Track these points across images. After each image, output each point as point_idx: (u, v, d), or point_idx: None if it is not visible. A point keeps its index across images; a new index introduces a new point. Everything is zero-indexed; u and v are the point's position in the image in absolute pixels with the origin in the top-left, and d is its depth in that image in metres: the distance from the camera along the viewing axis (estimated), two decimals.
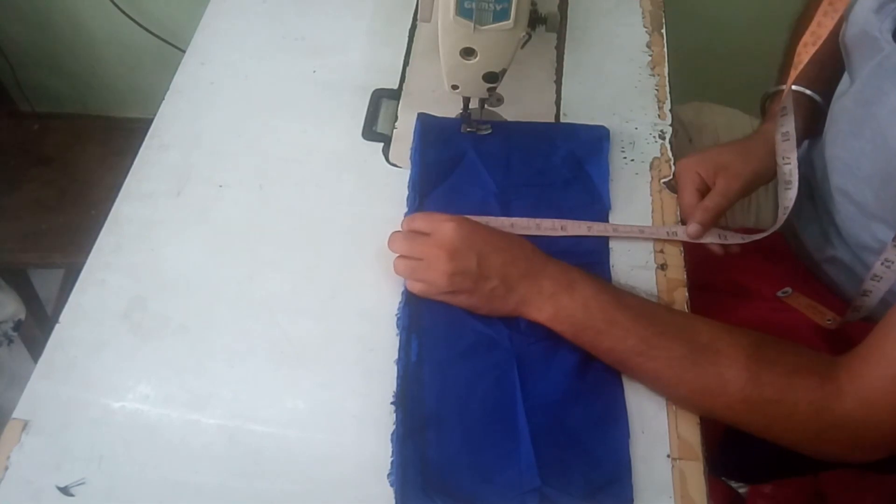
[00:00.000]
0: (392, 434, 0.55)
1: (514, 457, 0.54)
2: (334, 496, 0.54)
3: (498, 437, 0.55)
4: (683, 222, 0.69)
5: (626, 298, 0.59)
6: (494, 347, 0.59)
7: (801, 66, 0.65)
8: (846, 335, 0.67)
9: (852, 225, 0.66)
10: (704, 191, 0.69)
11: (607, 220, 0.68)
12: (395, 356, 0.60)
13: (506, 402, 0.57)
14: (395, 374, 0.58)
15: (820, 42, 0.63)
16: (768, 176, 0.70)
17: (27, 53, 1.48)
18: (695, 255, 0.68)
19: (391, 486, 0.53)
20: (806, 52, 0.64)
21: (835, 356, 0.54)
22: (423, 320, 0.61)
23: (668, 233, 0.67)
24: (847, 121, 0.64)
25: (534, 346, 0.59)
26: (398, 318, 0.61)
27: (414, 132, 0.74)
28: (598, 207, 0.69)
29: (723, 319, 0.66)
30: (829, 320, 0.68)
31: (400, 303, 0.62)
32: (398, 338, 0.60)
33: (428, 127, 0.74)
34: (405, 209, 0.68)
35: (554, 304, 0.58)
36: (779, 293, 0.71)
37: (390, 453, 0.55)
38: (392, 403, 0.57)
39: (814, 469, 0.66)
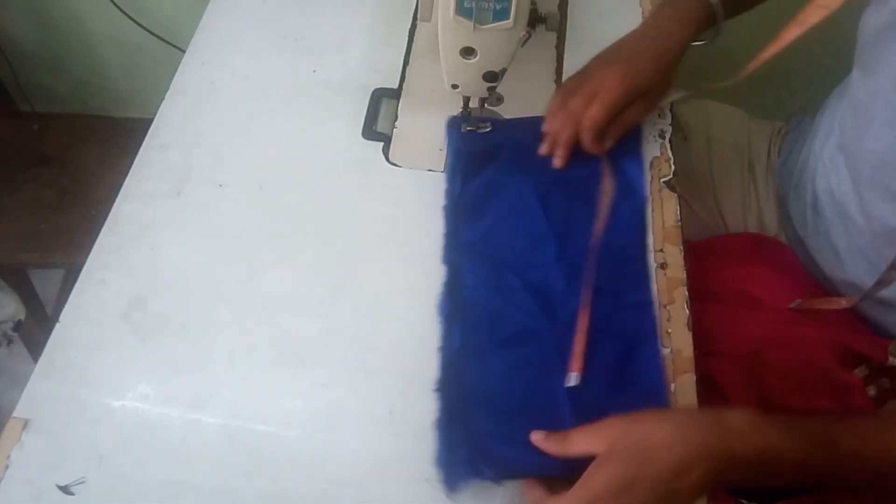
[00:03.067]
0: (436, 420, 0.56)
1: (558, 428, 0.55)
2: (334, 496, 0.54)
3: (542, 417, 0.56)
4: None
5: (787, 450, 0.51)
6: (537, 339, 0.60)
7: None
8: (850, 348, 0.66)
9: (883, 222, 0.64)
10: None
11: (644, 212, 0.68)
12: (396, 356, 0.60)
13: (548, 391, 0.57)
14: (438, 363, 0.59)
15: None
16: (648, 86, 0.68)
17: (27, 53, 1.48)
18: (703, 264, 0.67)
19: (438, 469, 0.54)
20: (789, 34, 0.63)
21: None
22: (467, 309, 0.61)
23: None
24: (883, 108, 0.61)
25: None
26: (440, 307, 0.62)
27: (446, 132, 0.74)
28: (634, 203, 0.69)
29: (732, 332, 0.66)
30: (844, 303, 0.66)
31: (441, 292, 0.63)
32: (440, 326, 0.61)
33: (457, 126, 0.74)
34: (442, 202, 0.69)
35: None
36: (791, 306, 0.70)
37: (434, 440, 0.55)
38: (435, 390, 0.58)
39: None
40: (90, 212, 1.09)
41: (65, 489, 0.53)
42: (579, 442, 0.51)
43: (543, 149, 0.70)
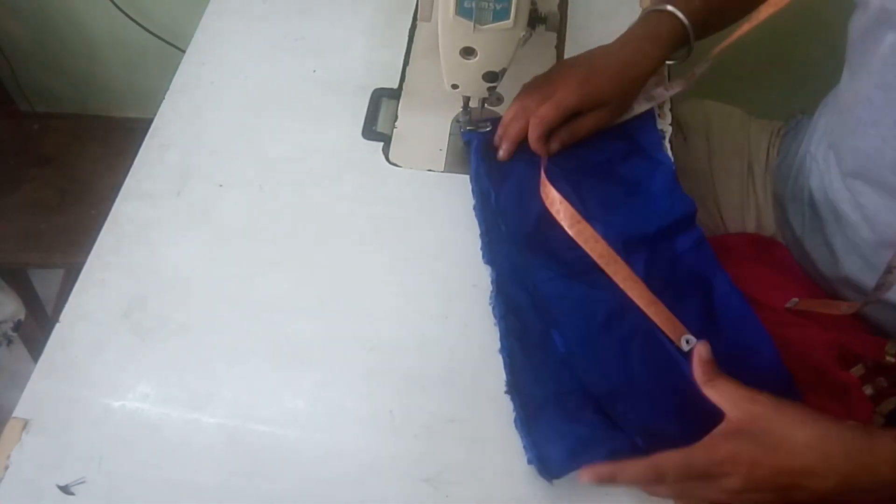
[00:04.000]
0: (514, 420, 0.57)
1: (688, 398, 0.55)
2: (334, 496, 0.54)
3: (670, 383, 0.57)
4: None
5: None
6: (626, 310, 0.61)
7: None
8: (847, 347, 0.66)
9: (874, 219, 0.65)
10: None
11: (674, 177, 0.70)
12: (396, 356, 0.60)
13: (664, 354, 0.59)
14: (502, 365, 0.59)
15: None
16: (605, 99, 0.69)
17: (27, 53, 1.48)
18: None
19: (534, 464, 0.54)
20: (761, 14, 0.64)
21: None
22: (550, 303, 0.61)
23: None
24: (866, 108, 0.62)
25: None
26: (493, 307, 0.62)
27: (464, 135, 0.74)
28: (661, 170, 0.70)
29: None
30: (844, 309, 0.66)
31: (491, 292, 0.63)
32: (496, 326, 0.61)
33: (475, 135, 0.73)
34: (472, 202, 0.69)
35: None
36: (788, 305, 0.70)
37: (519, 438, 0.56)
38: (506, 392, 0.58)
39: None
40: (90, 212, 1.09)
41: (65, 489, 0.53)
42: (728, 391, 0.52)
43: (495, 139, 0.71)
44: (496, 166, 0.70)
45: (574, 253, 0.64)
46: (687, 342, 0.60)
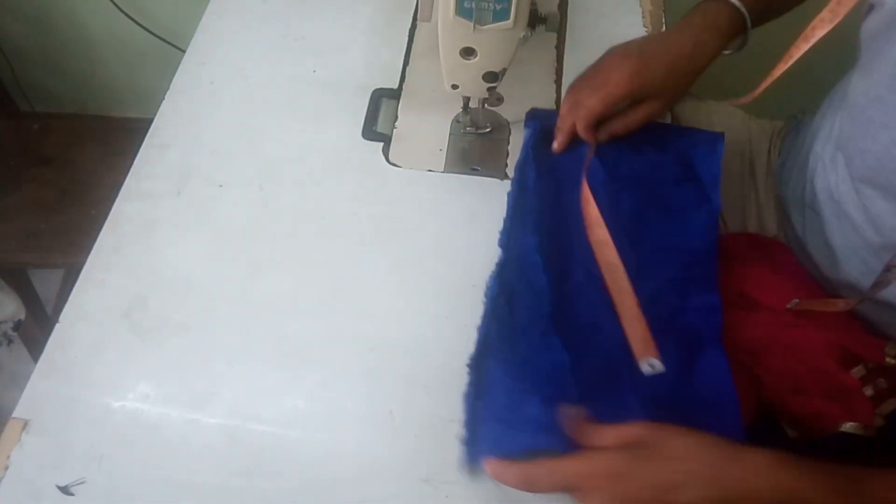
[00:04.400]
0: (465, 395, 0.56)
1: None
2: (334, 496, 0.54)
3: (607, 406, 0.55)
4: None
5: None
6: (598, 332, 0.60)
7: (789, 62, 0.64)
8: (848, 349, 0.66)
9: (881, 221, 0.64)
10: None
11: (717, 222, 0.68)
12: (396, 356, 0.60)
13: (614, 383, 0.58)
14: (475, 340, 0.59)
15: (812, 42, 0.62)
16: (658, 90, 0.68)
17: (27, 53, 1.48)
18: None
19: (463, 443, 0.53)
20: (797, 49, 0.63)
21: None
22: (531, 291, 0.61)
23: None
24: (878, 110, 0.61)
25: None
26: (488, 287, 0.62)
27: (526, 123, 0.74)
28: (706, 208, 0.69)
29: (729, 333, 0.66)
30: (842, 305, 0.66)
31: (492, 272, 0.63)
32: (485, 304, 0.61)
33: (538, 117, 0.74)
34: (508, 189, 0.69)
35: None
36: (788, 306, 0.70)
37: (462, 413, 0.55)
38: (467, 366, 0.57)
39: None
40: (90, 212, 1.09)
41: (65, 489, 0.53)
42: (606, 437, 0.50)
43: (555, 135, 0.71)
44: (546, 157, 0.70)
45: (589, 257, 0.64)
46: (650, 366, 0.58)
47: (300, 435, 0.56)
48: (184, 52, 0.82)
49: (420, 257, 0.66)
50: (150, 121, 0.76)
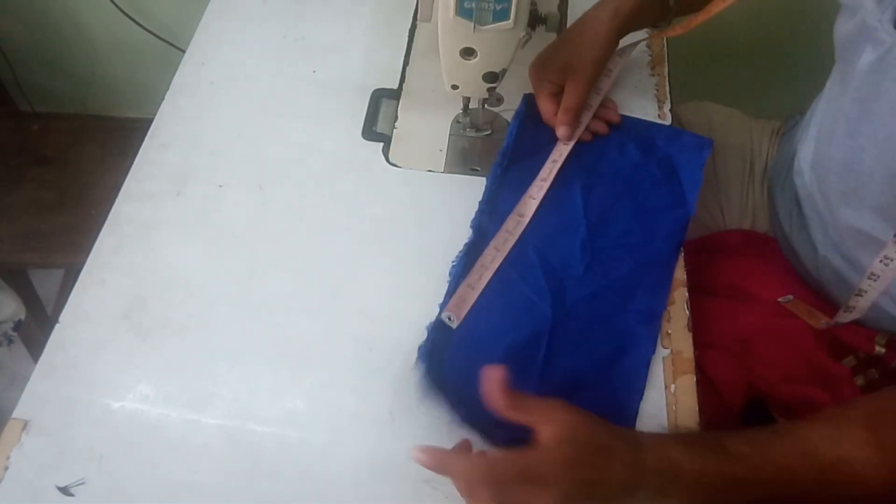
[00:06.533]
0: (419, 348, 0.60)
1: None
2: (334, 496, 0.54)
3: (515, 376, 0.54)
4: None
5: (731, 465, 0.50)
6: (534, 314, 0.62)
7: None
8: (839, 339, 0.67)
9: (849, 225, 0.66)
10: (559, 92, 0.71)
11: (685, 227, 0.68)
12: (396, 356, 0.60)
13: (529, 361, 0.59)
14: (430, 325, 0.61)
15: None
16: (608, 57, 0.73)
17: (27, 53, 1.48)
18: (696, 259, 0.67)
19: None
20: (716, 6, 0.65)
21: None
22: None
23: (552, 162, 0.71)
24: (843, 121, 0.63)
25: (572, 324, 0.61)
26: (453, 267, 0.65)
27: (520, 107, 0.75)
28: (680, 212, 0.69)
29: (724, 324, 0.66)
30: (823, 323, 0.67)
31: (460, 252, 0.65)
32: (449, 284, 0.63)
33: (533, 106, 0.75)
34: (487, 174, 0.71)
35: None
36: (780, 300, 0.71)
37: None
38: (427, 327, 0.61)
39: None
40: (90, 212, 1.09)
41: (64, 490, 0.53)
42: (535, 411, 0.49)
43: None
44: (528, 142, 0.73)
45: (536, 246, 0.66)
46: (449, 319, 0.61)
47: (300, 435, 0.56)
48: (184, 52, 0.82)
49: (420, 257, 0.66)
50: (150, 121, 0.76)
